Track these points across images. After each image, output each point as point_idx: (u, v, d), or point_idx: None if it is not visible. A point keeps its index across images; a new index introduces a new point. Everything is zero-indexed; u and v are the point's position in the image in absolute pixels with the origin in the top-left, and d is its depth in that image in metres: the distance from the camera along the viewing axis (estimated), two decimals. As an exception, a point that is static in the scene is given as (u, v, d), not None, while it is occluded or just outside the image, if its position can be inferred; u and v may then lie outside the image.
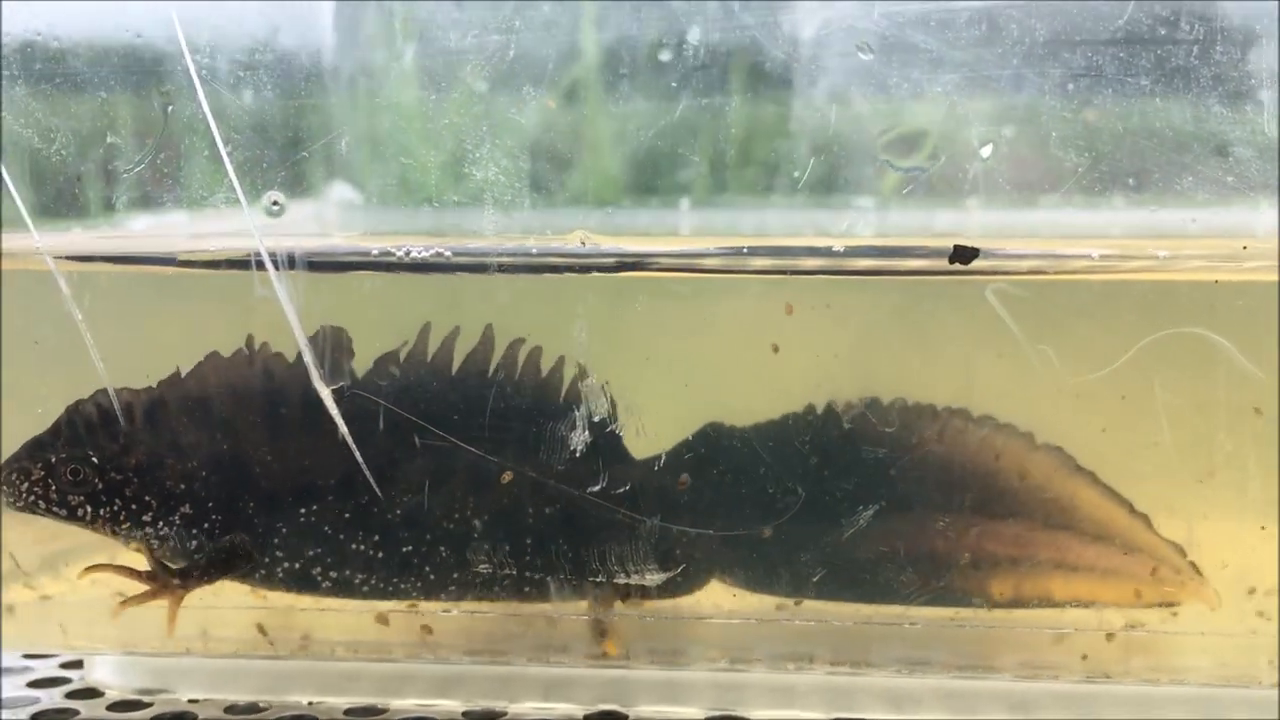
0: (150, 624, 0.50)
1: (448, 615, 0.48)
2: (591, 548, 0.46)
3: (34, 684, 0.54)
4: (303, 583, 0.48)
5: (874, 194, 0.45)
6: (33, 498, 0.47)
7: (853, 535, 0.46)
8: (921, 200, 0.44)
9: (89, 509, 0.47)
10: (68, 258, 0.46)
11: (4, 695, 0.52)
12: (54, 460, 0.47)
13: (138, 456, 0.47)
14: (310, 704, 0.51)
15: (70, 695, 0.52)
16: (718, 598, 0.48)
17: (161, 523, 0.47)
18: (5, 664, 0.56)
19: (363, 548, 0.47)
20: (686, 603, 0.48)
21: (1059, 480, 0.46)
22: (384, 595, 0.48)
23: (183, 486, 0.47)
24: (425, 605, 0.49)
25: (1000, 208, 0.44)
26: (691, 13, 0.44)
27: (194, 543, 0.47)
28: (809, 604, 0.47)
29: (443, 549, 0.47)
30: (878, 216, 0.45)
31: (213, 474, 0.47)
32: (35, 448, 0.47)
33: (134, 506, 0.47)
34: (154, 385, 0.47)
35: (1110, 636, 0.46)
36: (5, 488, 0.47)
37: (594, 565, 0.47)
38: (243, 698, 0.51)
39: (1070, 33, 0.43)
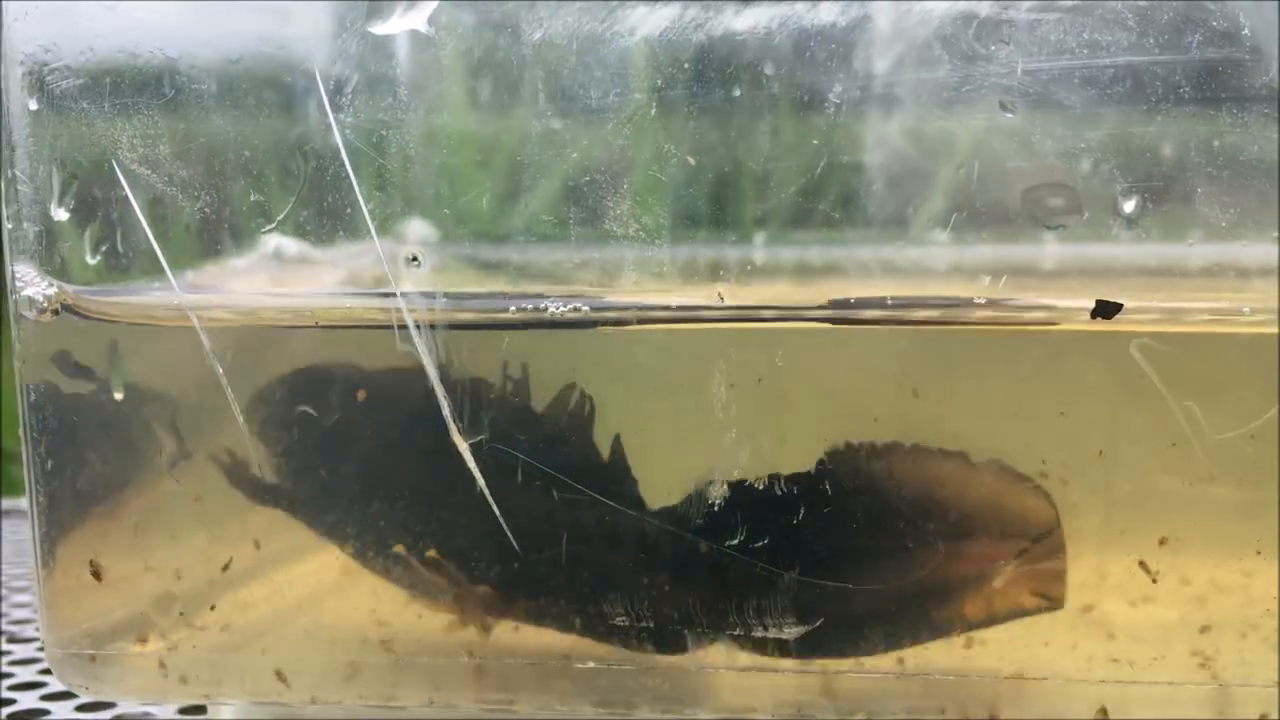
0: (269, 673, 0.51)
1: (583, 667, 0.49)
2: (730, 601, 0.47)
3: (158, 731, 0.54)
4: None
5: (1011, 247, 0.45)
6: None
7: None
8: (1065, 254, 0.44)
9: None
10: (209, 317, 0.47)
11: (130, 743, 0.53)
12: None
13: None
14: (438, 753, 0.51)
15: (197, 743, 0.53)
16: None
17: None
18: (123, 710, 0.56)
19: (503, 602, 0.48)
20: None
21: (1004, 489, 0.46)
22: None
23: None
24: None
25: (1144, 261, 0.44)
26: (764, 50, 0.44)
27: None
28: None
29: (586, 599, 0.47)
30: (1018, 270, 0.45)
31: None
32: None
33: None
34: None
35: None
36: None
37: (731, 619, 0.47)
38: (370, 747, 0.52)
39: (1216, 89, 0.43)
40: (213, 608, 0.51)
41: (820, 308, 0.46)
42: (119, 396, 0.50)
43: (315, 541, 0.50)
